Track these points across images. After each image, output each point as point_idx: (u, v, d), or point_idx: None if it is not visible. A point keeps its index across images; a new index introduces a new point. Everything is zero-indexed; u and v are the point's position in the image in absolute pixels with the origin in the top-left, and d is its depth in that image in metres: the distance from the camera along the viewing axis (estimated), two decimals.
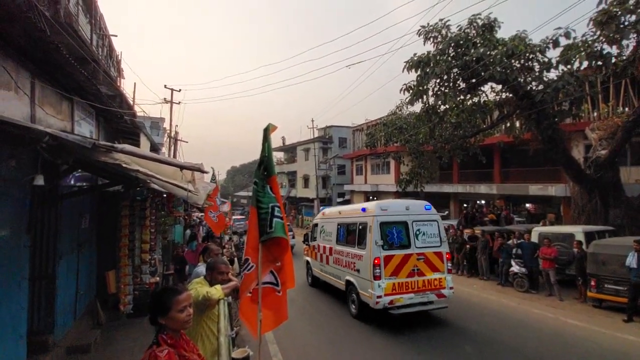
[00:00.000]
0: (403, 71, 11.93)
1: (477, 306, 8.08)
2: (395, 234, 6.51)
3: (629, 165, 12.53)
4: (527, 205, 17.71)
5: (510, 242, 10.19)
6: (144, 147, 12.77)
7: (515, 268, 9.58)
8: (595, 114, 13.12)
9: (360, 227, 7.02)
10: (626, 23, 6.37)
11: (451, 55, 11.21)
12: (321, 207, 30.67)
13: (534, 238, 9.88)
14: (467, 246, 11.51)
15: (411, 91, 12.06)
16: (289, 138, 46.08)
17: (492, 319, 7.14)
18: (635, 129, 10.11)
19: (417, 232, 6.65)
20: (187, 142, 26.13)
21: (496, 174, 18.35)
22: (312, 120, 31.90)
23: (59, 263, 4.80)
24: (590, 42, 7.42)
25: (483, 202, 19.55)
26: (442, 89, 11.82)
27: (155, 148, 15.63)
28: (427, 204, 7.35)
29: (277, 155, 47.79)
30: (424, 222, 6.78)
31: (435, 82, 11.76)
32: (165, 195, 8.53)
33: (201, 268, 3.68)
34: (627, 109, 12.07)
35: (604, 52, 7.70)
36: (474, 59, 10.41)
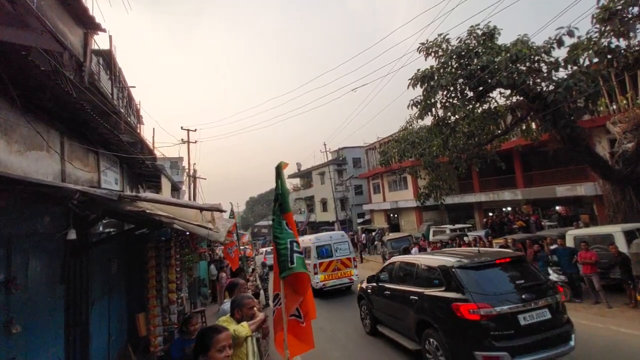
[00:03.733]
0: (408, 88, 12.07)
1: None
2: (325, 251, 11.83)
3: None
4: (557, 208, 16.89)
5: (545, 249, 9.67)
6: (165, 187, 13.26)
7: (553, 277, 9.00)
8: (614, 107, 12.67)
9: (307, 248, 11.90)
10: (630, 16, 6.29)
11: (454, 66, 11.29)
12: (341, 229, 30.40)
13: (569, 242, 9.35)
14: None
15: (419, 106, 12.12)
16: (303, 164, 46.64)
17: None
18: None
19: (336, 249, 11.97)
20: (205, 178, 26.98)
21: (519, 178, 17.76)
22: (325, 144, 32.47)
23: (91, 309, 4.93)
24: (595, 39, 7.33)
25: (509, 209, 18.82)
26: (450, 100, 11.82)
27: (175, 187, 16.21)
28: (343, 233, 13.58)
29: (293, 182, 48.37)
30: (341, 243, 12.24)
31: (442, 94, 11.80)
32: (188, 234, 8.75)
33: (227, 305, 3.63)
34: None
35: (613, 46, 7.56)
36: (479, 67, 10.44)
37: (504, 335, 4.15)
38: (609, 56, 7.64)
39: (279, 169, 3.20)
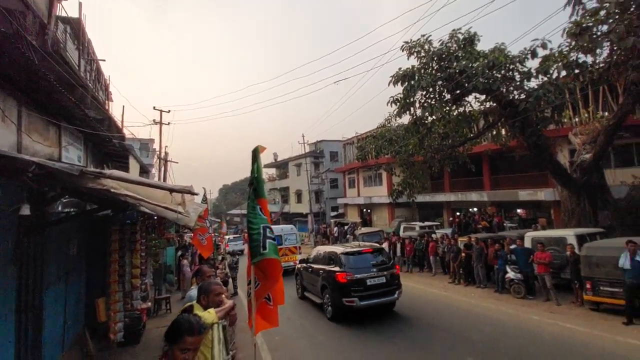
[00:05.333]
0: (389, 85, 12.22)
1: (477, 315, 8.03)
2: (277, 239, 12.98)
3: (613, 168, 12.87)
4: (518, 210, 17.92)
5: (505, 248, 10.24)
6: (134, 169, 12.67)
7: (511, 274, 9.60)
8: (576, 119, 13.54)
9: None
10: (599, 33, 6.70)
11: (435, 68, 11.54)
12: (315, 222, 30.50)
13: (527, 243, 9.96)
14: (463, 254, 11.53)
15: (398, 104, 12.32)
16: (280, 154, 46.25)
17: (492, 327, 7.09)
18: (616, 133, 10.46)
19: (286, 239, 14.75)
20: (177, 162, 25.98)
21: (486, 181, 18.62)
22: (303, 136, 32.20)
23: (45, 293, 4.63)
24: (565, 52, 7.75)
25: (475, 209, 19.73)
26: (428, 100, 12.10)
27: (144, 170, 15.49)
28: (292, 227, 16.79)
29: (269, 172, 47.85)
30: (290, 234, 15.34)
31: (421, 94, 12.05)
32: (155, 218, 8.39)
33: (194, 291, 3.57)
34: (606, 113, 12.50)
35: (580, 61, 8.04)
36: (457, 71, 10.74)
37: (357, 290, 7.44)
38: (576, 70, 8.13)
39: (255, 153, 3.14)
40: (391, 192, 16.74)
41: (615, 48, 6.68)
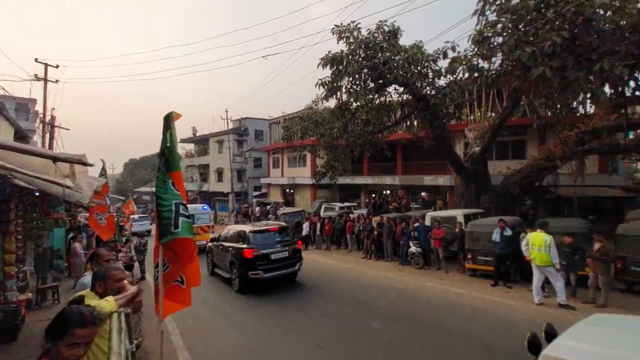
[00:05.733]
0: (318, 67, 12.30)
1: (383, 285, 9.01)
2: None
3: (494, 160, 15.58)
4: (423, 193, 20.41)
5: (410, 226, 11.61)
6: (6, 133, 10.30)
7: (413, 249, 10.98)
8: (472, 117, 15.83)
9: None
10: (495, 43, 7.86)
11: (362, 56, 12.02)
12: (236, 203, 29.62)
13: (427, 222, 11.46)
14: (375, 232, 12.66)
15: (326, 87, 12.54)
16: (200, 129, 42.99)
17: (395, 295, 8.06)
18: (499, 131, 12.59)
19: (198, 218, 14.92)
20: (68, 129, 21.84)
21: (399, 167, 20.61)
22: (226, 111, 30.42)
23: None
24: (469, 57, 8.91)
25: (388, 192, 21.74)
26: (354, 87, 12.61)
27: (21, 135, 12.66)
28: (207, 206, 16.65)
29: (187, 147, 44.15)
30: (203, 214, 15.59)
31: (348, 80, 12.47)
32: (38, 194, 7.00)
33: (87, 278, 3.05)
34: (493, 114, 14.92)
35: (479, 66, 9.34)
36: (381, 61, 11.38)
37: (262, 264, 8.24)
38: (475, 74, 9.44)
39: (168, 120, 2.82)
40: (315, 174, 17.22)
41: (505, 58, 7.93)
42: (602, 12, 6.97)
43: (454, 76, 10.72)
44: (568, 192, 13.41)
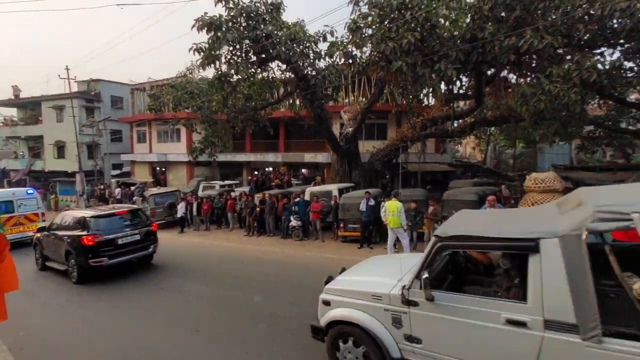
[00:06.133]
0: (192, 29, 10.97)
1: (266, 259, 9.25)
2: (4, 206, 12.01)
3: (364, 140, 17.71)
4: (303, 170, 21.54)
5: (291, 201, 12.14)
6: None
7: (293, 222, 11.58)
8: (347, 100, 17.40)
9: None
10: (366, 34, 8.70)
11: (243, 25, 11.34)
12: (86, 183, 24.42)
13: (307, 196, 12.23)
14: (258, 209, 12.71)
15: (202, 54, 11.36)
16: (26, 89, 32.64)
17: (277, 267, 8.41)
18: (368, 114, 14.27)
19: (20, 204, 12.46)
20: None
21: (281, 144, 20.99)
22: (67, 69, 23.83)
23: None
24: (345, 43, 9.62)
25: (270, 169, 21.98)
26: (235, 58, 11.87)
27: None
28: (33, 190, 13.74)
29: (6, 113, 33.23)
30: (27, 199, 12.74)
31: (228, 49, 11.63)
32: None
33: None
34: (364, 99, 16.78)
35: (353, 53, 10.22)
36: (264, 34, 11.04)
37: (107, 250, 7.77)
38: (350, 60, 10.31)
39: None
40: (191, 150, 15.72)
41: (373, 49, 8.92)
42: (443, 21, 8.58)
43: (332, 60, 11.41)
44: (414, 168, 16.58)
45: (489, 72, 10.94)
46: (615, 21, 7.35)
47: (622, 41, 8.43)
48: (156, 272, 8.47)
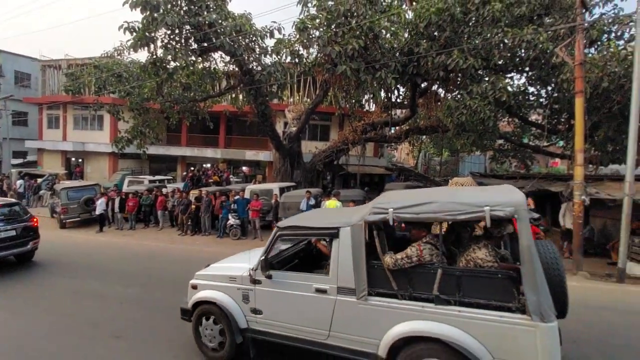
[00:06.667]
0: (124, 5, 9.90)
1: (195, 259, 8.70)
2: None
3: (307, 140, 17.89)
4: (244, 168, 20.91)
5: (230, 199, 11.67)
6: None
7: (231, 221, 11.16)
8: (292, 99, 17.39)
9: None
10: (313, 36, 8.83)
11: (184, 9, 10.59)
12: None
13: (247, 194, 11.89)
14: (193, 207, 11.96)
15: (135, 34, 10.31)
16: None
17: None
18: (312, 115, 14.45)
19: None
20: None
21: (221, 139, 20.09)
22: None
23: None
24: (292, 42, 9.63)
25: (208, 165, 20.87)
26: (173, 43, 11.02)
27: None
28: None
29: None
30: None
31: (166, 32, 10.75)
32: None
33: None
34: (309, 99, 16.96)
35: (300, 52, 10.27)
36: (207, 22, 10.45)
37: None
38: (296, 59, 10.33)
39: None
40: (116, 140, 14.13)
41: (320, 51, 9.09)
42: (384, 32, 9.12)
43: (279, 57, 11.30)
44: (354, 169, 17.28)
45: (422, 85, 11.98)
46: (522, 50, 8.60)
47: (527, 69, 9.92)
48: (72, 275, 7.44)
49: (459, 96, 8.97)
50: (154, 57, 11.24)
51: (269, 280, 3.47)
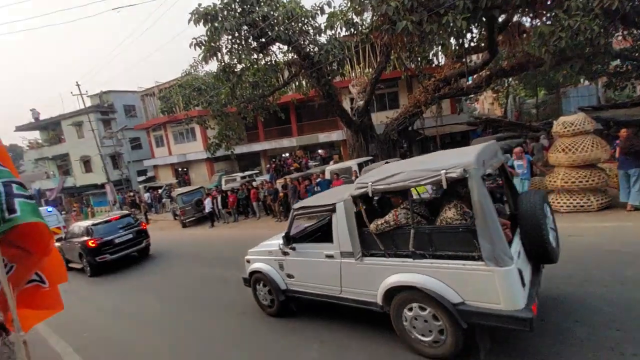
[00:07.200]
0: (189, 23, 10.91)
1: None
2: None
3: (376, 112, 17.35)
4: (320, 151, 21.50)
5: (312, 182, 12.22)
6: None
7: None
8: (353, 73, 16.96)
9: None
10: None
11: (238, 11, 11.14)
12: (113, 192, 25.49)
13: (327, 175, 12.25)
14: (281, 194, 12.90)
15: (203, 47, 11.33)
16: (44, 111, 34.00)
17: None
18: (377, 85, 13.89)
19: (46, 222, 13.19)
20: None
21: (294, 128, 20.93)
22: (78, 85, 24.48)
23: None
24: (345, 11, 9.28)
25: (287, 154, 22.08)
26: (235, 46, 11.76)
27: None
28: (50, 208, 14.84)
29: (30, 136, 34.98)
30: (47, 216, 12.60)
31: (227, 38, 11.52)
32: None
33: None
34: (370, 69, 16.30)
35: (354, 21, 9.87)
36: (260, 17, 10.81)
37: (107, 248, 9.65)
38: (352, 29, 9.97)
39: None
40: (208, 146, 16.02)
41: (375, 13, 8.55)
42: None
43: (333, 32, 11.07)
44: (431, 132, 16.15)
45: (500, 19, 10.30)
46: None
47: None
48: (200, 263, 8.90)
49: (552, 19, 7.45)
50: (223, 64, 12.23)
51: (293, 251, 4.34)
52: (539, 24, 9.44)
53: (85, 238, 9.82)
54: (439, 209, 3.44)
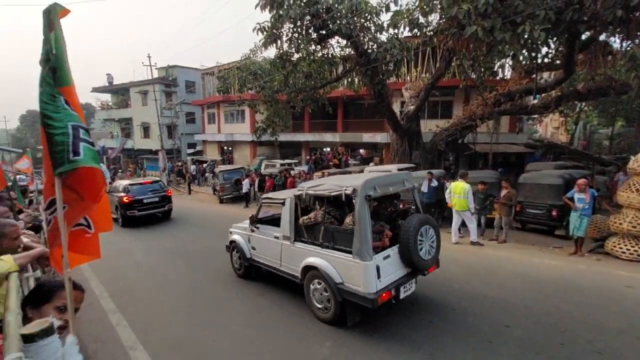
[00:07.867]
0: (256, 8, 11.21)
1: None
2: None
3: (426, 119, 16.67)
4: (361, 150, 21.23)
5: None
6: None
7: None
8: (409, 77, 16.40)
9: None
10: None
11: (304, 0, 11.23)
12: (167, 160, 27.34)
13: None
14: None
15: (265, 33, 11.59)
16: (117, 78, 37.24)
17: None
18: (432, 91, 13.31)
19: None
20: None
21: (339, 124, 20.85)
22: (149, 57, 26.42)
23: None
24: (411, 10, 8.93)
25: (328, 149, 22.09)
26: (295, 35, 11.89)
27: None
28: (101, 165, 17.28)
29: (102, 98, 38.55)
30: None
31: (289, 27, 11.67)
32: None
33: None
34: (428, 74, 15.65)
35: (419, 22, 9.46)
36: (324, 8, 10.79)
37: (137, 206, 11.50)
38: (415, 30, 9.58)
39: (50, 15, 2.00)
40: (255, 130, 16.51)
41: (443, 14, 8.13)
42: None
43: (396, 30, 10.74)
44: (483, 149, 15.17)
45: (584, 36, 9.30)
46: None
47: None
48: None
49: None
50: (281, 51, 12.44)
51: (257, 229, 5.66)
52: (631, 46, 8.39)
53: (122, 194, 11.51)
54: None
